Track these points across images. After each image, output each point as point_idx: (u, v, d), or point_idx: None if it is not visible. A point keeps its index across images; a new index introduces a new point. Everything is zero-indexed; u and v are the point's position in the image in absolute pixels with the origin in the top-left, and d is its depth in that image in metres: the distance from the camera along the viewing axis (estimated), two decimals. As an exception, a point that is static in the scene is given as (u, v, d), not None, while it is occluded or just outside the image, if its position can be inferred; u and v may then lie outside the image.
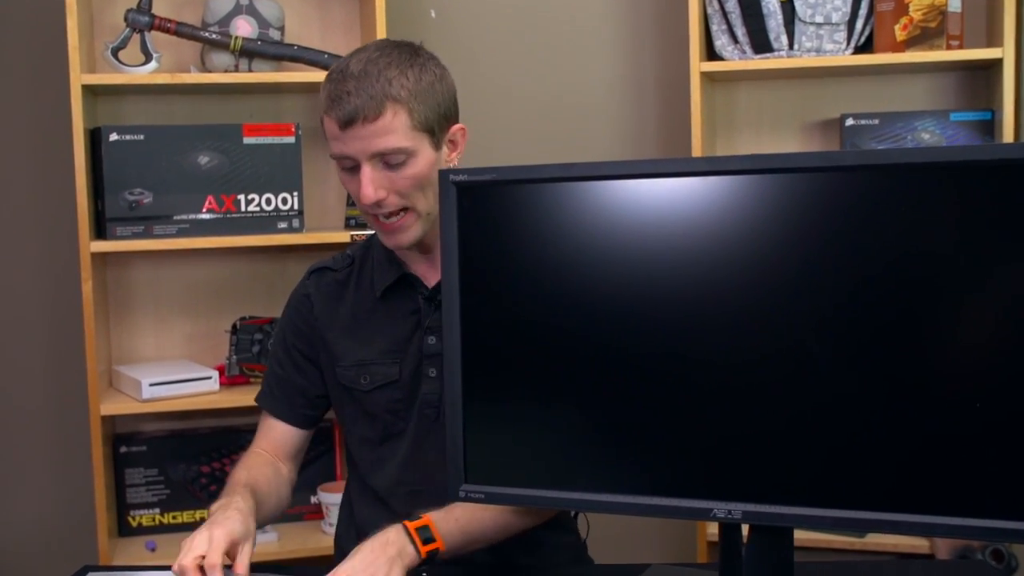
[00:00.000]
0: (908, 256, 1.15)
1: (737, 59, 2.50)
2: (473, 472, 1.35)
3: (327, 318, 1.64)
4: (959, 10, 2.41)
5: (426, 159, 1.49)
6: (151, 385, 2.37)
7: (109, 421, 2.48)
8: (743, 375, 1.23)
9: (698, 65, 2.45)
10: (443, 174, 1.33)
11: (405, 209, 1.50)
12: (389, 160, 1.46)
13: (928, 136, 2.48)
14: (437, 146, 1.51)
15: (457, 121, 1.56)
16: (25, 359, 2.62)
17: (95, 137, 2.38)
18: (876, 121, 2.51)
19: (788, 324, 1.20)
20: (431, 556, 1.39)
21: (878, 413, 1.16)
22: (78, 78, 2.28)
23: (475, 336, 1.33)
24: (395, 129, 1.45)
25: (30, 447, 2.63)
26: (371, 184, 1.47)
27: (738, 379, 1.23)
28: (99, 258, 2.45)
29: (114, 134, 2.36)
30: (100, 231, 2.41)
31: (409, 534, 1.39)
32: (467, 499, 1.35)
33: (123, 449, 2.54)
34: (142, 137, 2.38)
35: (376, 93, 1.43)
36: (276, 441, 1.68)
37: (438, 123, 1.50)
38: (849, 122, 2.53)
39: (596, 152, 2.71)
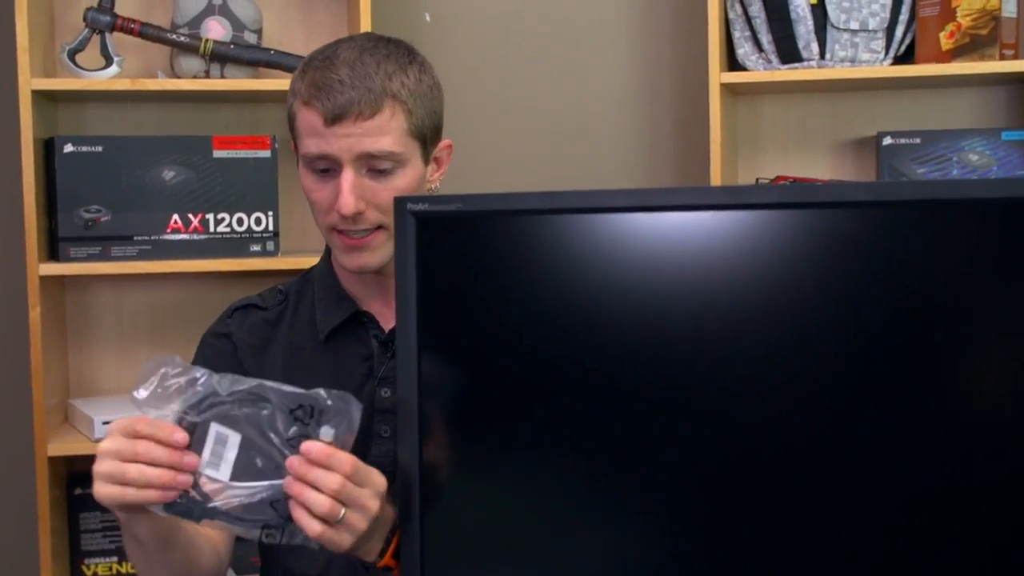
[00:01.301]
0: (961, 303, 0.91)
1: (762, 69, 2.25)
2: (432, 565, 1.11)
3: (253, 364, 1.39)
4: (1015, 15, 2.15)
5: (414, 172, 1.31)
6: (104, 423, 2.13)
7: (62, 461, 2.25)
8: (768, 454, 0.98)
9: (718, 76, 2.20)
10: (399, 203, 1.09)
11: (378, 227, 1.29)
12: (376, 166, 1.27)
13: (976, 157, 2.22)
14: (426, 160, 1.34)
15: (441, 137, 1.37)
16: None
17: (48, 148, 2.16)
18: (917, 140, 2.25)
19: (813, 392, 0.96)
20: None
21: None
22: (28, 82, 2.06)
23: (437, 396, 1.10)
24: (391, 131, 1.26)
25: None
26: (352, 192, 1.25)
27: (762, 457, 0.98)
28: (53, 281, 2.22)
29: (69, 145, 2.14)
30: (53, 252, 2.18)
31: None
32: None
33: (78, 491, 2.31)
34: (100, 149, 2.15)
35: (375, 87, 1.25)
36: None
37: (431, 133, 1.33)
38: (887, 141, 2.27)
39: (604, 173, 2.46)
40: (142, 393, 1.06)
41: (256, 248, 2.24)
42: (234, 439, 1.04)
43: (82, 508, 2.31)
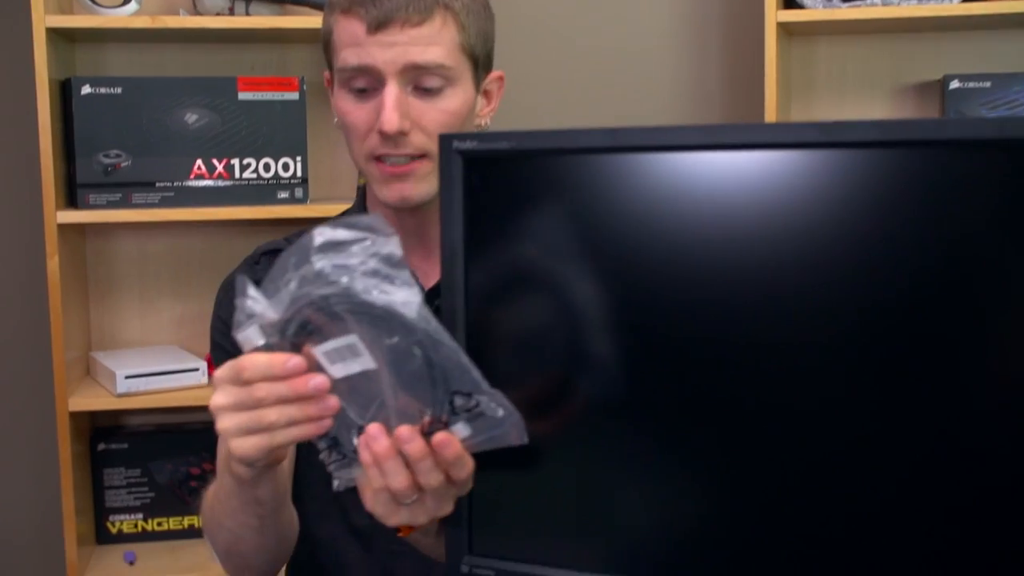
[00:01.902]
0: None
1: (821, 7, 2.10)
2: (481, 540, 1.00)
3: None
4: (1099, -52, 2.00)
5: (465, 95, 1.17)
6: (127, 377, 2.05)
7: (84, 416, 2.17)
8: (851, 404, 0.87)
9: (775, 14, 2.06)
10: (444, 140, 0.97)
11: (423, 155, 1.16)
12: (423, 82, 1.14)
13: (1050, 103, 2.08)
14: (477, 85, 1.20)
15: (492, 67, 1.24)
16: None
17: (65, 90, 2.05)
18: (987, 84, 2.11)
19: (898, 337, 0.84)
20: None
21: None
22: (42, 19, 1.95)
23: (486, 356, 0.98)
24: (441, 41, 1.13)
25: (-1, 441, 2.32)
26: (397, 108, 1.12)
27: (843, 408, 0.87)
28: (72, 229, 2.12)
29: (87, 87, 2.03)
30: (71, 199, 2.09)
31: None
32: (470, 575, 1.00)
33: (101, 447, 2.23)
34: (120, 90, 2.04)
35: None
36: None
37: (483, 58, 1.20)
38: (954, 84, 2.12)
39: (649, 117, 2.33)
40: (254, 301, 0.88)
41: (284, 195, 2.14)
42: (367, 361, 0.87)
43: (106, 464, 2.23)
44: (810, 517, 0.89)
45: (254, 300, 0.88)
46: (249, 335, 0.88)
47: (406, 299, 0.87)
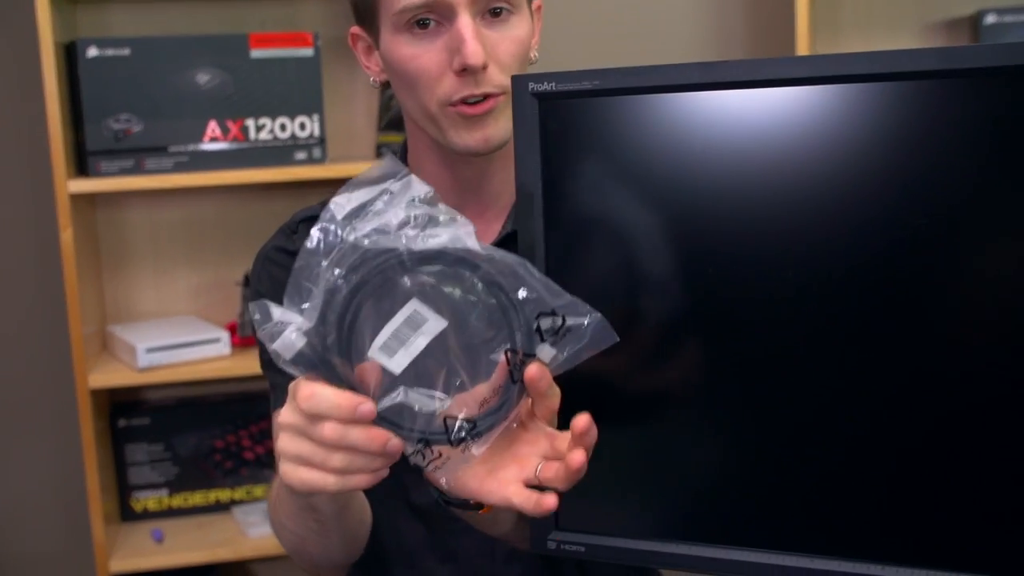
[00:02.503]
0: None
1: (852, -58, 2.03)
2: (568, 514, 0.95)
3: None
4: None
5: (526, 23, 1.09)
6: (148, 351, 1.98)
7: (103, 392, 2.10)
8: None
9: (805, -50, 1.98)
10: (518, 82, 0.90)
11: (500, 93, 1.07)
12: (491, 4, 1.05)
13: (1090, 34, 2.01)
14: (531, 13, 1.12)
15: None
16: (1, 323, 2.23)
17: (70, 53, 1.97)
18: (1024, 17, 2.04)
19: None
20: None
21: None
22: (45, -21, 1.86)
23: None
24: None
25: (14, 424, 2.25)
26: (476, 38, 1.03)
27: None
28: (82, 200, 2.05)
29: (93, 48, 1.94)
30: (81, 167, 2.01)
31: None
32: (559, 552, 0.95)
33: (122, 422, 2.17)
34: (128, 52, 1.96)
35: None
36: None
37: None
38: (989, 19, 2.06)
39: (671, 59, 2.25)
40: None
41: (301, 156, 2.06)
42: (433, 326, 0.78)
43: (127, 439, 2.17)
44: (880, 478, 0.84)
45: (282, 319, 0.79)
46: (287, 340, 0.78)
47: (457, 234, 0.78)
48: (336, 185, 1.58)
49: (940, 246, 0.82)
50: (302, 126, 2.05)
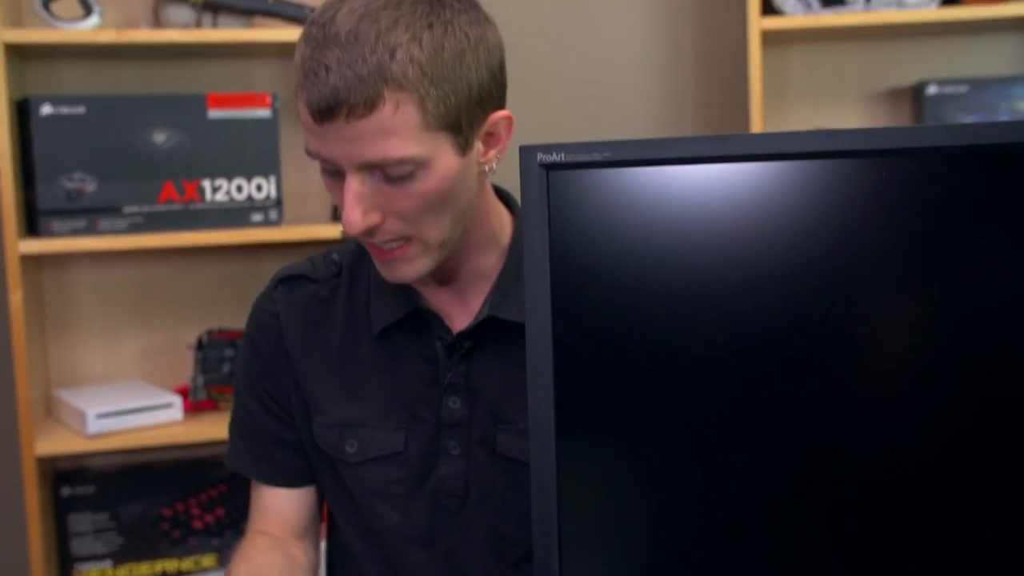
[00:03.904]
0: None
1: (801, 14, 2.09)
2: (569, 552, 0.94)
3: (301, 350, 1.17)
4: (1077, -48, 2.03)
5: (444, 169, 1.00)
6: (99, 417, 1.93)
7: (47, 459, 2.03)
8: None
9: (758, 21, 2.04)
10: (527, 152, 0.91)
11: (407, 238, 1.04)
12: (389, 171, 0.98)
13: (1027, 105, 2.10)
14: (465, 147, 1.02)
15: (501, 105, 1.06)
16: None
17: (23, 110, 1.93)
18: (964, 88, 2.13)
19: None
20: None
21: None
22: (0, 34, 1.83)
23: (575, 387, 0.92)
24: (397, 130, 0.96)
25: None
26: (358, 205, 0.98)
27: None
28: (31, 260, 1.99)
29: (47, 106, 1.91)
30: (32, 227, 1.96)
31: None
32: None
33: (65, 491, 2.09)
34: (83, 109, 1.93)
35: (368, 72, 0.94)
36: (274, 514, 1.22)
37: (468, 113, 1.00)
38: (932, 90, 2.13)
39: (625, 129, 2.29)
40: None
41: (258, 218, 2.04)
42: None
43: (70, 509, 2.09)
44: (883, 536, 0.86)
45: None
46: None
47: None
48: (290, 248, 1.59)
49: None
50: (259, 187, 2.03)
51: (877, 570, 0.87)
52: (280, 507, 1.23)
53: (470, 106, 1.00)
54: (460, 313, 1.15)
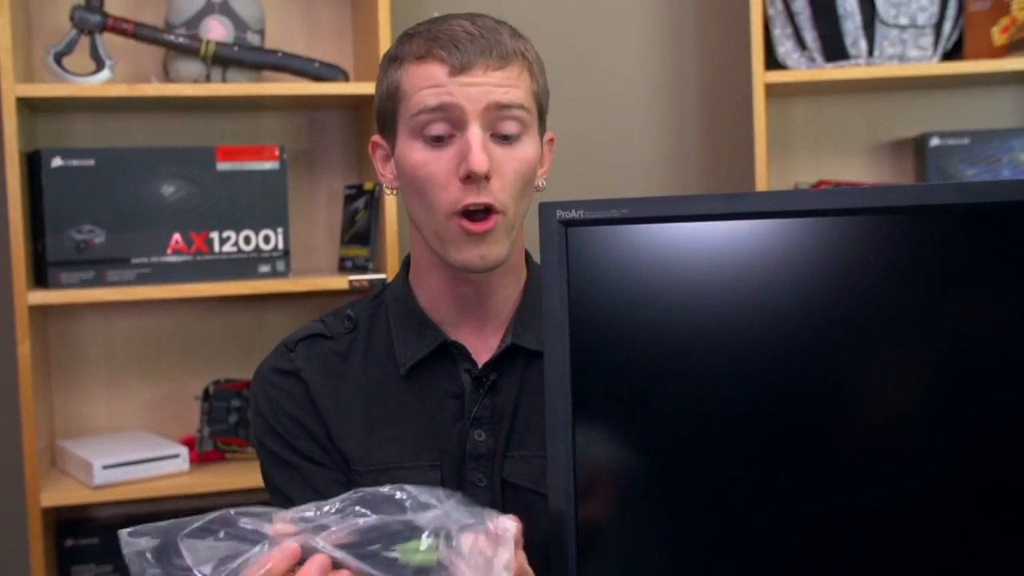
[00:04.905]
0: None
1: (804, 68, 2.12)
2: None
3: (328, 401, 1.18)
4: (1076, 8, 2.06)
5: (535, 146, 1.14)
6: (105, 468, 1.92)
7: (51, 510, 2.02)
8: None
9: (762, 75, 2.07)
10: (546, 209, 0.92)
11: (493, 210, 1.10)
12: (502, 128, 1.10)
13: (1029, 158, 2.12)
14: (541, 139, 1.17)
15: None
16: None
17: (33, 162, 1.94)
18: (966, 140, 2.15)
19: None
20: None
21: None
22: (12, 89, 1.85)
23: (593, 439, 0.93)
24: (520, 85, 1.12)
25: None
26: (483, 149, 1.08)
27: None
28: (38, 311, 2.00)
29: (57, 159, 1.92)
30: (40, 278, 1.96)
31: None
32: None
33: (69, 542, 2.08)
34: (92, 162, 1.94)
35: (504, 40, 1.12)
36: None
37: (544, 111, 1.18)
38: (934, 142, 2.16)
39: (628, 181, 2.30)
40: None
41: (266, 269, 2.05)
42: None
43: (74, 560, 2.08)
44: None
45: None
46: None
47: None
48: (298, 299, 1.56)
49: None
50: (266, 239, 2.04)
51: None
52: None
53: (545, 106, 1.17)
54: (482, 348, 1.18)
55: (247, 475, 1.99)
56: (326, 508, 0.84)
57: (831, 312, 0.87)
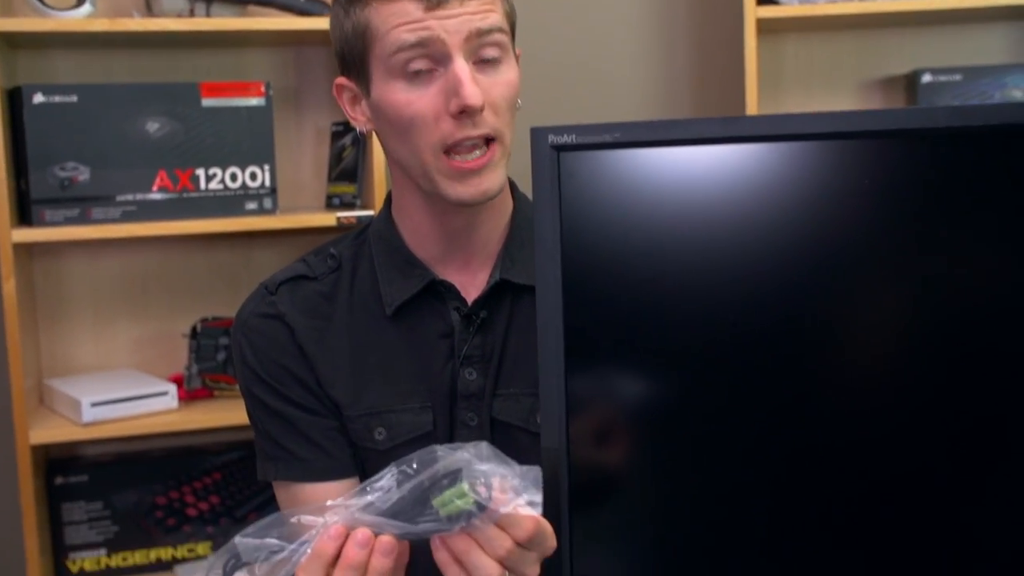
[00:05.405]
0: None
1: (798, 3, 2.10)
2: (582, 560, 0.94)
3: (315, 346, 1.16)
4: (1071, -59, 2.04)
5: (515, 67, 1.12)
6: (93, 405, 1.92)
7: (40, 448, 2.02)
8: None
9: (754, 10, 2.04)
10: (538, 134, 0.91)
11: (489, 140, 1.07)
12: (484, 53, 1.07)
13: (1021, 94, 2.11)
14: (517, 61, 1.14)
15: None
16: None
17: (14, 99, 1.92)
18: (958, 77, 2.13)
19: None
20: None
21: None
22: (-9, 23, 1.81)
23: (586, 368, 0.92)
24: (496, 7, 1.08)
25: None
26: (473, 81, 1.04)
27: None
28: (23, 249, 1.98)
29: (39, 95, 1.89)
30: (24, 216, 1.94)
31: None
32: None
33: (59, 480, 2.08)
34: (75, 98, 1.91)
35: None
36: None
37: (515, 29, 1.15)
38: (926, 79, 2.14)
39: (615, 118, 2.29)
40: None
41: (252, 206, 2.03)
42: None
43: (64, 498, 2.08)
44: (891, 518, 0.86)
45: None
46: None
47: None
48: (284, 236, 1.55)
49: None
50: (253, 176, 2.02)
51: (874, 541, 0.88)
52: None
53: (515, 21, 1.14)
54: (470, 285, 1.16)
55: (236, 412, 1.98)
56: (369, 487, 0.86)
57: (825, 237, 0.87)
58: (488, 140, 1.07)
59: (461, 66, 1.04)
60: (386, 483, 0.85)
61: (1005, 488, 0.85)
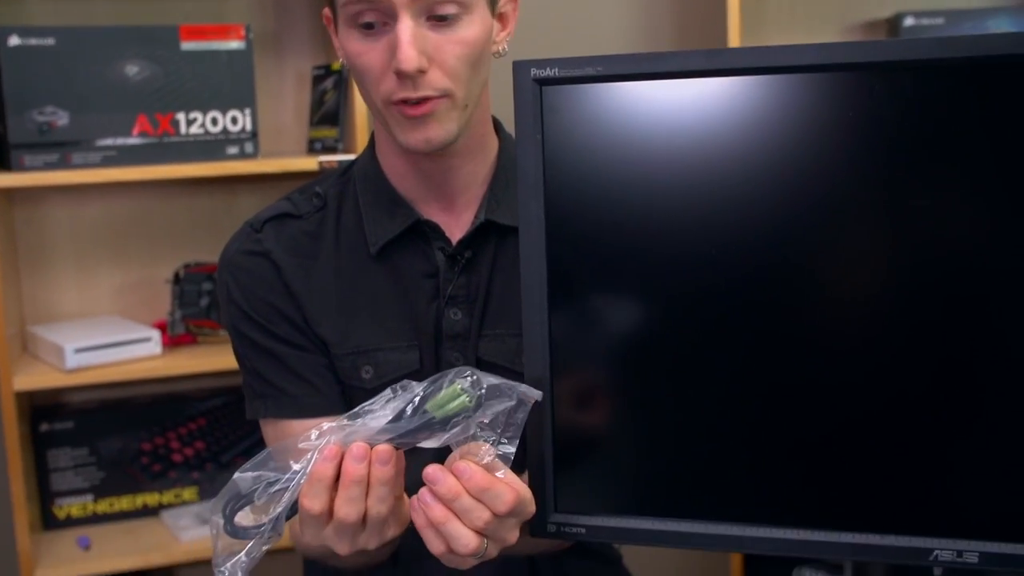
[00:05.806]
0: None
1: (780, -56, 2.08)
2: (566, 497, 0.95)
3: (301, 284, 1.16)
4: None
5: (482, 23, 1.07)
6: (77, 351, 1.92)
7: (24, 395, 2.02)
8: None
9: (735, -51, 2.03)
10: (520, 67, 0.91)
11: (443, 94, 1.06)
12: (437, 11, 1.03)
13: (1003, 36, 2.11)
14: (492, 10, 1.10)
15: None
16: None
17: (-9, 41, 1.89)
18: (940, 20, 2.13)
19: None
20: None
21: None
22: (-35, -36, 1.79)
23: (566, 292, 0.93)
24: None
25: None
26: (413, 44, 1.02)
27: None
28: (3, 195, 1.97)
29: (15, 37, 1.87)
30: (3, 161, 1.93)
31: None
32: (559, 534, 0.95)
33: (44, 427, 2.09)
34: (52, 41, 1.89)
35: None
36: None
37: None
38: (908, 22, 2.14)
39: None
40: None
41: (233, 150, 2.02)
42: None
43: (49, 445, 2.09)
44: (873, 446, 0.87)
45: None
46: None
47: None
48: (266, 181, 1.53)
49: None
50: (233, 120, 2.01)
51: (852, 473, 0.89)
52: None
53: None
54: (454, 225, 1.16)
55: (220, 357, 1.99)
56: (360, 410, 0.87)
57: (809, 170, 0.87)
58: (428, 98, 1.05)
59: (404, 26, 1.02)
60: (376, 405, 0.86)
61: (982, 423, 0.86)
